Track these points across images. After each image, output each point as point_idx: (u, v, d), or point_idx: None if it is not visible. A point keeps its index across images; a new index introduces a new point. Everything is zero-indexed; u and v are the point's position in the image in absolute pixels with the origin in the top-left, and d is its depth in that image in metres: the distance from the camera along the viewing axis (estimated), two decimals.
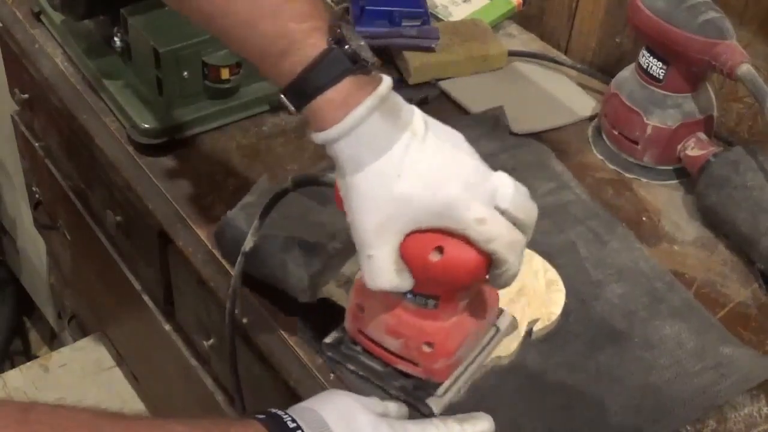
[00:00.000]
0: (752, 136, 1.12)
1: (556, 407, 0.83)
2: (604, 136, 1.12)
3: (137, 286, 1.32)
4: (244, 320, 0.92)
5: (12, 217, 2.17)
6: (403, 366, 0.81)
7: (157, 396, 1.55)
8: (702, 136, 1.06)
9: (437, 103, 1.18)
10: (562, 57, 1.26)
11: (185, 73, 1.07)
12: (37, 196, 1.61)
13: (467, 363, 0.83)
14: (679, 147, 1.06)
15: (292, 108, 0.73)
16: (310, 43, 0.71)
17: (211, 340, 1.10)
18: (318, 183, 0.81)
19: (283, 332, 0.90)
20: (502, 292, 0.85)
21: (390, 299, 0.78)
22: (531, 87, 1.22)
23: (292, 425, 0.67)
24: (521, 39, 1.30)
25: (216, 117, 1.11)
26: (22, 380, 1.74)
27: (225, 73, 1.08)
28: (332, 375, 0.86)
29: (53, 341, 2.18)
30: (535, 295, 0.90)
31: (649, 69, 1.05)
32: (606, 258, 0.97)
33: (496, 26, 1.30)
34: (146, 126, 1.08)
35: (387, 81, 0.72)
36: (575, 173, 1.08)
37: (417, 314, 0.78)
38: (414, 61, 1.19)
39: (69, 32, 1.20)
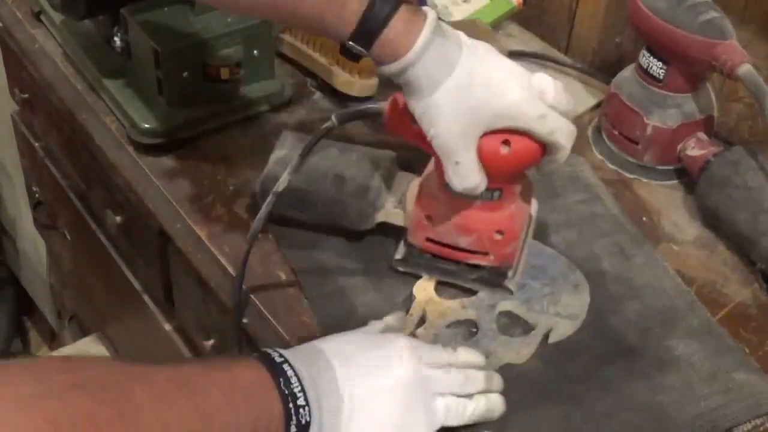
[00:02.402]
0: (752, 136, 1.12)
1: (556, 417, 0.83)
2: (604, 136, 1.12)
3: (137, 285, 1.32)
4: (244, 320, 0.92)
5: (12, 217, 2.17)
6: (475, 259, 0.89)
7: None
8: (702, 136, 1.06)
9: None
10: (562, 57, 1.26)
11: (185, 73, 1.07)
12: (37, 196, 1.61)
13: (521, 246, 0.91)
14: (679, 147, 1.06)
15: (362, 50, 0.79)
16: None
17: (211, 340, 1.10)
18: (365, 115, 0.87)
19: (282, 331, 0.90)
20: None
21: (458, 201, 0.86)
22: None
23: (279, 360, 0.71)
24: (521, 39, 1.30)
25: (216, 117, 1.11)
26: None
27: (225, 73, 1.08)
28: None
29: (53, 341, 2.18)
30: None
31: (649, 69, 1.05)
32: (628, 273, 0.96)
33: (496, 26, 1.30)
34: (146, 126, 1.08)
35: (429, 8, 0.81)
36: None
37: (485, 208, 0.86)
38: None
39: (69, 32, 1.20)
